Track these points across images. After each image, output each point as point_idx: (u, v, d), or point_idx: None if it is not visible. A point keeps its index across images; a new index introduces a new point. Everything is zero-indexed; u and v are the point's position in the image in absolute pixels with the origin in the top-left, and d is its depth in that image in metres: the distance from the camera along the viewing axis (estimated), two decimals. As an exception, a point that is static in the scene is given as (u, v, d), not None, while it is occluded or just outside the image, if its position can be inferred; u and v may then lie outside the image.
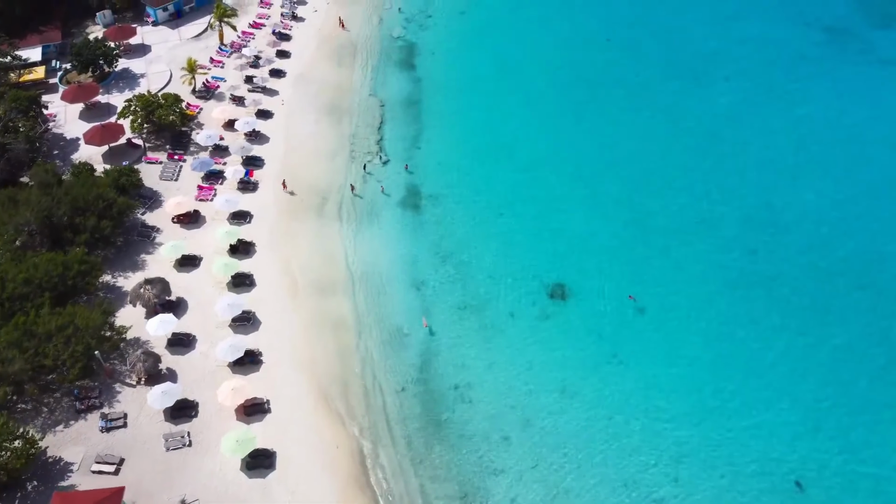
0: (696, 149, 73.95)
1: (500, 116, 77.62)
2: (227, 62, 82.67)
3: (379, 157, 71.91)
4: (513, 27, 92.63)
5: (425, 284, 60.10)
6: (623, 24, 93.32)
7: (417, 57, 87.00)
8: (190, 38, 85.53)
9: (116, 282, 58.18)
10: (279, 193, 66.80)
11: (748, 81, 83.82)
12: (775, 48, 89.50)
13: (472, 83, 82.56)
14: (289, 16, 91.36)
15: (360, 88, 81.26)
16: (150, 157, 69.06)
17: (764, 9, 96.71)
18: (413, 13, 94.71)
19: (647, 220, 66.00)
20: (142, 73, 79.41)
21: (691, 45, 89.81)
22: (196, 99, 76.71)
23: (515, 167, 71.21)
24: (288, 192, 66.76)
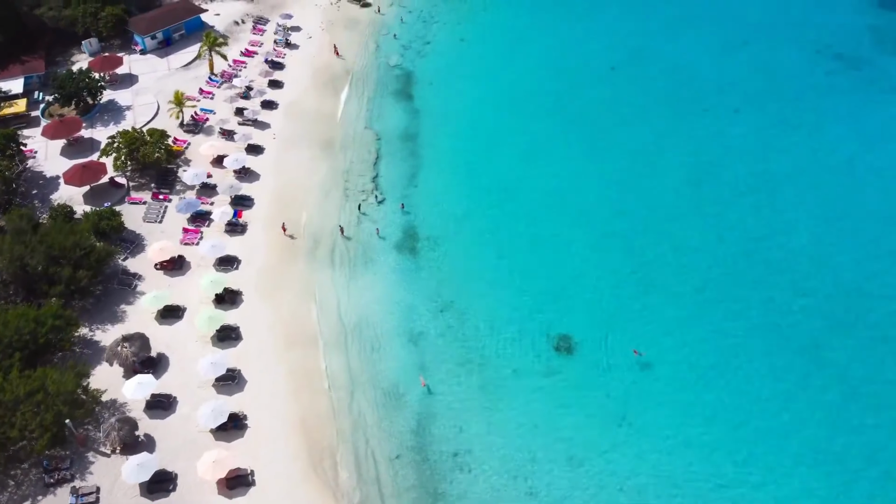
0: (706, 186, 70.68)
1: (501, 152, 74.40)
2: (218, 93, 79.49)
3: (374, 196, 68.58)
4: (514, 55, 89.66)
5: (423, 337, 56.59)
6: (628, 51, 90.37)
7: (415, 87, 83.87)
8: (179, 68, 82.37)
9: (94, 335, 54.66)
10: (269, 236, 63.43)
11: (759, 113, 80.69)
12: (786, 77, 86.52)
13: (471, 116, 79.37)
14: (282, 43, 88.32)
15: (354, 121, 78.06)
16: (133, 197, 65.69)
17: (773, 36, 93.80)
18: (410, 40, 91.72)
19: (655, 264, 62.56)
20: (128, 106, 76.18)
21: (699, 75, 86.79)
22: (184, 133, 73.48)
23: (516, 207, 67.87)
24: (288, 235, 63.38)
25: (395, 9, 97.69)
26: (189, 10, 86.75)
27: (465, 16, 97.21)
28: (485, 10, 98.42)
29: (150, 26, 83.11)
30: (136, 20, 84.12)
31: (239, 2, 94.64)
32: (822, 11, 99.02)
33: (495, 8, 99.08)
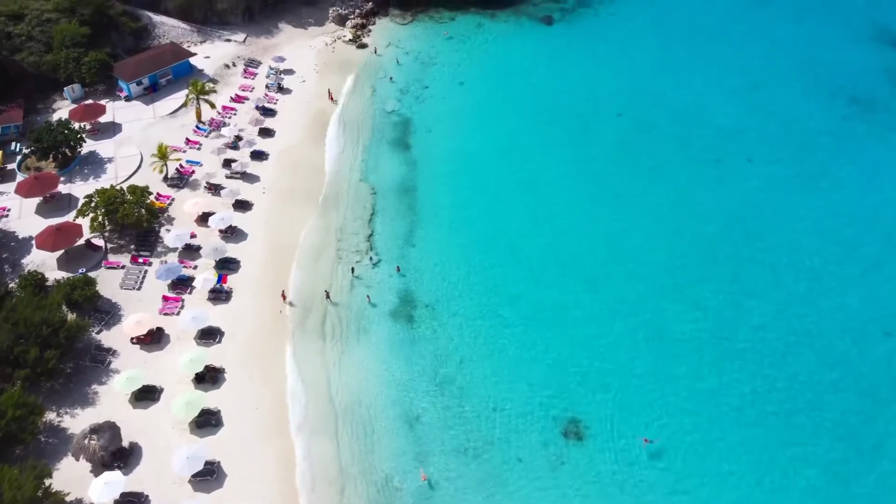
0: (720, 243, 66.56)
1: (503, 207, 70.33)
2: (205, 142, 75.60)
3: (369, 258, 64.37)
4: (515, 99, 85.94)
5: (420, 420, 52.07)
6: (634, 96, 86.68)
7: (413, 135, 80.00)
8: (165, 115, 78.56)
9: (62, 421, 50.19)
10: (256, 304, 59.10)
11: (773, 162, 76.90)
12: (800, 123, 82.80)
13: (472, 166, 75.40)
14: (274, 87, 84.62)
15: (349, 173, 74.06)
16: (110, 261, 61.47)
17: (784, 79, 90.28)
18: (408, 83, 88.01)
19: (667, 335, 58.28)
20: (109, 158, 72.22)
21: (709, 121, 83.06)
22: (168, 187, 69.51)
23: (520, 270, 63.62)
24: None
25: (392, 50, 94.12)
26: (177, 53, 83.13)
27: (465, 57, 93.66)
28: (485, 52, 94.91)
29: (136, 72, 79.40)
30: (121, 65, 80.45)
31: (230, 43, 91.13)
32: (834, 52, 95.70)
33: (495, 49, 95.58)
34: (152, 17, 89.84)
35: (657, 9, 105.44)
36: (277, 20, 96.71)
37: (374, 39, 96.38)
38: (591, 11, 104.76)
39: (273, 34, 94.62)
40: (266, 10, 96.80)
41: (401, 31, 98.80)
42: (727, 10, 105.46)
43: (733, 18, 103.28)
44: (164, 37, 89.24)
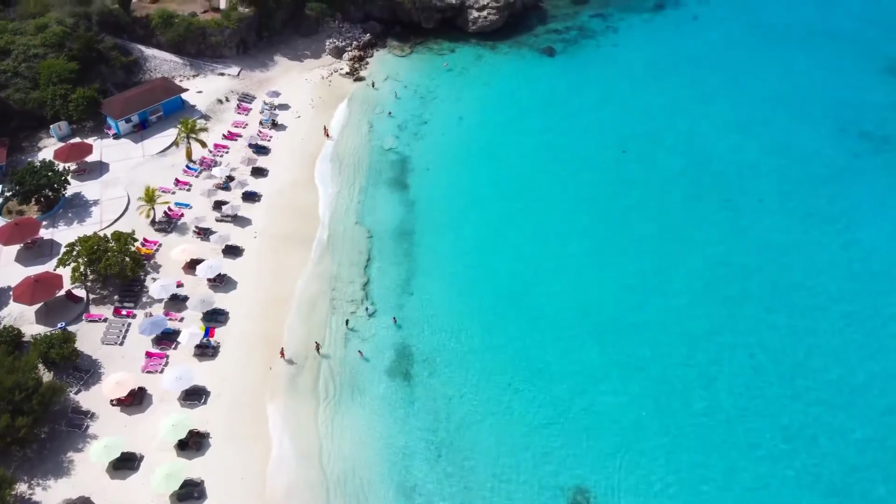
0: (734, 292, 63.52)
1: (505, 252, 67.42)
2: (195, 183, 72.84)
3: (364, 308, 61.33)
4: (517, 134, 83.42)
5: (417, 492, 48.73)
6: (640, 132, 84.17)
7: (411, 174, 77.29)
8: (155, 154, 75.87)
9: (33, 494, 46.87)
10: (244, 360, 55.95)
11: (785, 202, 74.12)
12: (810, 160, 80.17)
13: (472, 208, 72.63)
14: (268, 123, 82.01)
15: (345, 215, 71.18)
16: (92, 313, 58.35)
17: (792, 113, 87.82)
18: (406, 119, 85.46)
19: (682, 396, 55.09)
20: (95, 200, 69.40)
21: (717, 157, 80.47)
22: (155, 232, 66.64)
23: (524, 322, 60.58)
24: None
25: (390, 83, 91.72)
26: (168, 89, 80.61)
27: (464, 90, 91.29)
28: (485, 85, 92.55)
29: (125, 109, 76.80)
30: (110, 102, 77.87)
31: (224, 77, 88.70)
32: (843, 84, 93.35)
33: (496, 82, 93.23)
34: (144, 51, 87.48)
35: (660, 39, 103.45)
36: (273, 53, 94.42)
37: (372, 72, 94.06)
38: (593, 43, 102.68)
39: (268, 67, 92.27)
40: (261, 42, 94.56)
41: (399, 64, 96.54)
42: (732, 40, 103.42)
43: (738, 49, 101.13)
44: (155, 70, 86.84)
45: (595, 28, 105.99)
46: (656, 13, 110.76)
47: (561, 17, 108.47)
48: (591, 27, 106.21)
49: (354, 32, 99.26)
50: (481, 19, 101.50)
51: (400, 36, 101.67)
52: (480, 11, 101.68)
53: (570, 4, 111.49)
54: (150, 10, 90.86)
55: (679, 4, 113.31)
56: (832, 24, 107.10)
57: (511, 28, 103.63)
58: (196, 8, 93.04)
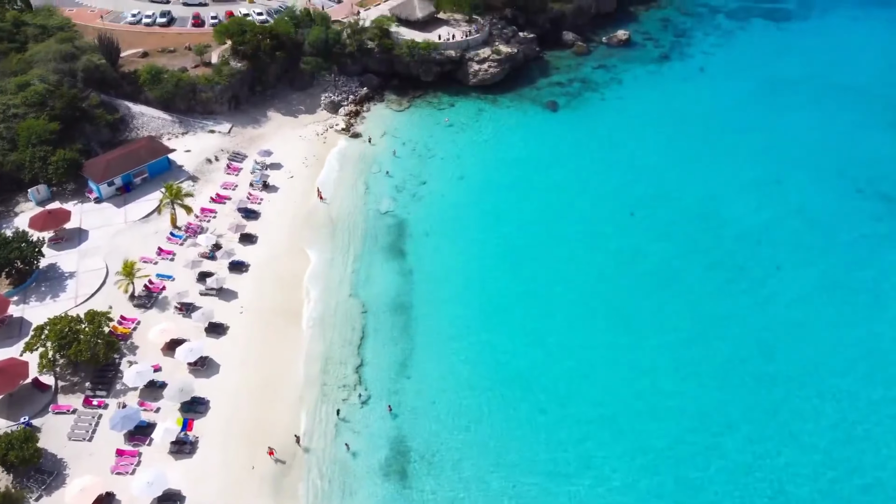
0: (753, 375, 58.91)
1: (510, 327, 62.96)
2: (179, 251, 68.57)
3: (357, 394, 56.53)
4: (520, 196, 79.46)
5: None
6: (648, 192, 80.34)
7: (409, 240, 73.06)
8: (138, 220, 71.77)
9: None
10: (225, 458, 50.95)
11: (805, 271, 69.92)
12: (829, 224, 76.28)
13: (475, 279, 68.23)
14: (259, 185, 78.08)
15: (338, 287, 66.74)
16: (60, 404, 53.55)
17: (806, 171, 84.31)
18: (404, 178, 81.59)
19: (701, 494, 50.15)
20: (71, 272, 65.03)
21: (731, 220, 76.59)
22: (133, 307, 62.17)
23: (532, 412, 55.74)
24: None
25: (388, 140, 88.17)
26: (154, 150, 76.86)
27: (465, 147, 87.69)
28: (486, 142, 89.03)
29: (107, 171, 72.92)
30: (92, 164, 74.02)
31: (214, 134, 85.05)
32: (856, 142, 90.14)
33: (497, 138, 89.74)
34: (131, 108, 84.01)
35: (666, 93, 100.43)
36: (266, 108, 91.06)
37: (369, 127, 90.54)
38: (598, 96, 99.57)
39: (261, 123, 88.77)
40: (254, 97, 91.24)
41: (397, 119, 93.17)
42: (740, 93, 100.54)
43: (747, 103, 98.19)
44: (143, 128, 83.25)
45: (599, 80, 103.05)
46: (661, 64, 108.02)
47: (563, 68, 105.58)
48: (595, 79, 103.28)
49: (351, 86, 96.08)
50: (482, 72, 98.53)
51: (398, 89, 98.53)
52: (481, 64, 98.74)
53: (573, 55, 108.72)
54: (140, 65, 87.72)
55: (684, 56, 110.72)
56: (843, 77, 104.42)
57: (512, 80, 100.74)
58: (187, 62, 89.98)
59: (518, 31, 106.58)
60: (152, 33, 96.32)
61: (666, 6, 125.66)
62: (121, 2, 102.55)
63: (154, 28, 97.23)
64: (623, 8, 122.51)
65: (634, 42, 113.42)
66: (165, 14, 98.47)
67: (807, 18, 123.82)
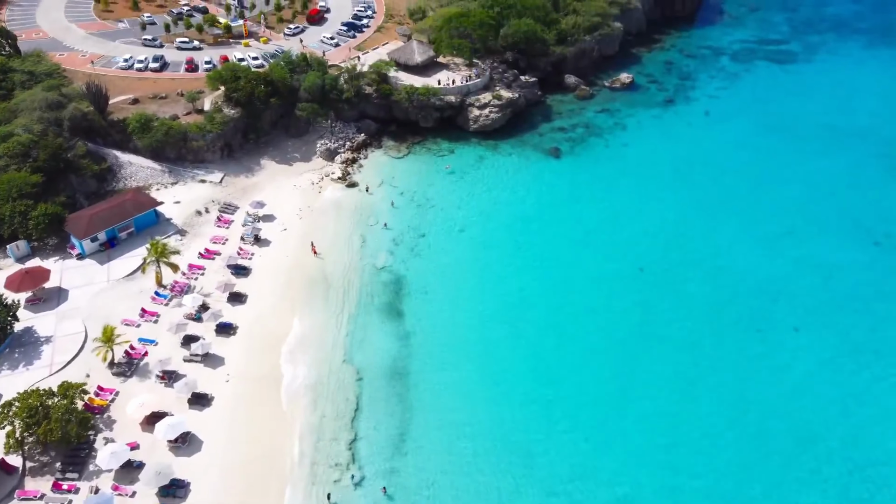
0: (775, 452, 54.90)
1: (513, 399, 58.99)
2: (164, 313, 64.87)
3: (350, 475, 52.34)
4: (523, 251, 76.13)
5: None
6: (657, 245, 77.13)
7: (407, 298, 69.42)
8: (122, 278, 68.18)
9: None
10: (204, 550, 46.73)
11: (825, 333, 66.40)
12: (847, 280, 72.88)
13: (475, 341, 64.51)
14: (250, 238, 74.65)
15: (331, 351, 62.89)
16: (27, 489, 49.36)
17: (820, 223, 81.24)
18: (402, 231, 78.20)
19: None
20: (47, 337, 61.22)
21: (743, 276, 73.19)
22: (112, 376, 58.30)
23: (538, 492, 51.52)
24: None
25: (386, 189, 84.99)
26: (140, 203, 73.60)
27: (466, 197, 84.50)
28: (488, 191, 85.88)
29: (91, 226, 69.60)
30: (75, 218, 70.65)
31: (205, 184, 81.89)
32: (869, 190, 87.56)
33: (499, 187, 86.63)
34: (119, 157, 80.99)
35: (672, 138, 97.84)
36: (260, 156, 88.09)
37: (366, 176, 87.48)
38: (602, 142, 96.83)
39: (254, 172, 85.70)
40: (247, 145, 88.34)
41: (395, 166, 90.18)
42: (747, 139, 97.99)
43: (755, 149, 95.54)
44: (131, 178, 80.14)
45: (602, 125, 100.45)
46: (666, 108, 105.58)
47: (566, 113, 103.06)
48: (598, 124, 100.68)
49: (347, 132, 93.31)
50: (482, 118, 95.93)
51: (396, 135, 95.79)
52: (482, 109, 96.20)
53: (575, 99, 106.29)
54: (130, 112, 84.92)
55: (689, 99, 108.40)
56: (852, 121, 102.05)
57: (514, 126, 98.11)
58: (178, 109, 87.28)
59: (519, 75, 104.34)
60: (144, 79, 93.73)
61: (669, 48, 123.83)
62: (113, 46, 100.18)
63: (146, 73, 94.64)
64: (625, 50, 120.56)
65: (638, 85, 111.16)
66: (158, 59, 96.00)
67: (812, 61, 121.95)
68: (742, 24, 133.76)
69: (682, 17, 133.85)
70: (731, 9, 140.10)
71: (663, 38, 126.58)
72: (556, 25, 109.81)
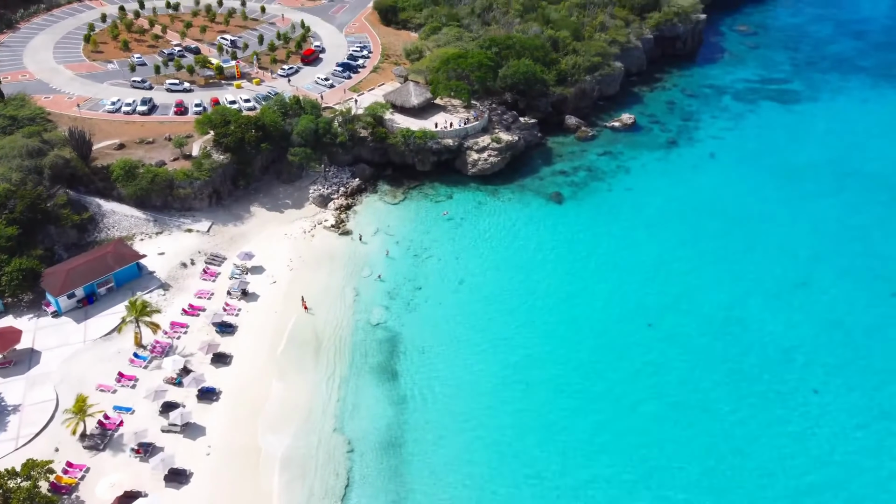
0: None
1: (519, 476, 54.64)
2: (142, 376, 60.77)
3: (339, 564, 47.96)
4: (524, 305, 72.30)
5: None
6: (666, 297, 73.56)
7: (402, 358, 65.38)
8: (99, 338, 64.15)
9: None
10: None
11: (846, 398, 62.58)
12: (867, 337, 69.31)
13: (477, 408, 60.33)
14: (237, 293, 70.75)
15: (321, 419, 58.70)
16: (-19, 586, 44.84)
17: (836, 273, 77.69)
18: (398, 283, 74.41)
19: None
20: (15, 406, 57.03)
21: (758, 332, 69.58)
22: (83, 449, 54.00)
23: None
24: None
25: (380, 238, 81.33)
26: (122, 257, 69.82)
27: (464, 245, 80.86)
28: (487, 239, 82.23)
29: (68, 282, 65.77)
30: (51, 273, 66.82)
31: (191, 234, 78.20)
32: (885, 237, 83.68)
33: (499, 235, 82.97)
34: (102, 206, 77.48)
35: (677, 182, 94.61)
36: (249, 203, 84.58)
37: (360, 223, 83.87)
38: (605, 186, 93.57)
39: (243, 220, 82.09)
40: (237, 191, 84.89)
41: (391, 213, 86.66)
42: (755, 182, 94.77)
43: (764, 193, 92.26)
44: (114, 228, 76.55)
45: (605, 168, 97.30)
46: (669, 150, 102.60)
47: (567, 155, 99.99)
48: (601, 167, 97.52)
49: (342, 177, 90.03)
50: (481, 161, 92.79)
51: (392, 179, 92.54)
52: (480, 153, 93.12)
53: (576, 141, 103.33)
54: (114, 158, 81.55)
55: (693, 140, 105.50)
56: (861, 163, 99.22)
57: (514, 170, 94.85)
58: (165, 155, 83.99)
59: (518, 117, 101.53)
60: (132, 122, 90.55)
61: (670, 88, 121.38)
62: (101, 88, 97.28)
63: (134, 116, 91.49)
64: (626, 90, 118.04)
65: (640, 126, 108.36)
66: (147, 101, 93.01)
67: (816, 100, 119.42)
68: (743, 62, 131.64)
69: (682, 56, 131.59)
70: (731, 47, 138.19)
71: (664, 77, 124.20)
72: (556, 65, 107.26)
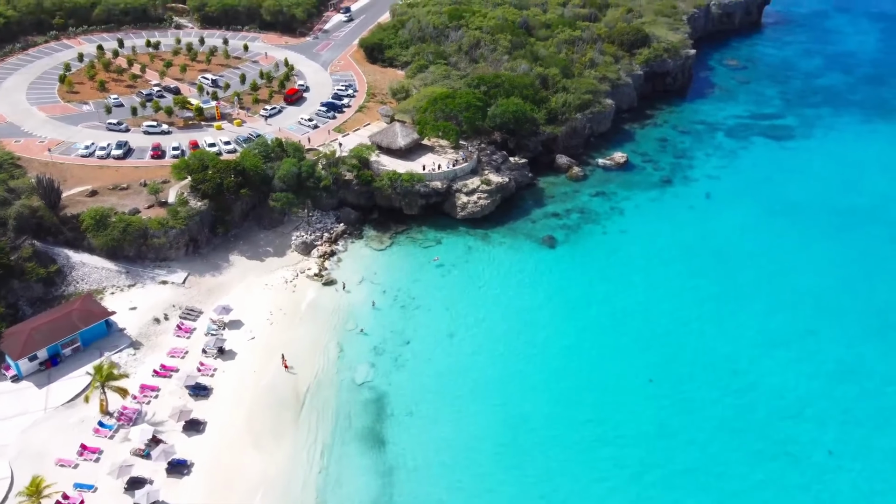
0: None
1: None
2: (107, 448, 56.14)
3: None
4: (519, 361, 68.53)
5: None
6: (667, 351, 70.00)
7: (389, 421, 61.15)
8: (61, 405, 59.50)
9: None
10: None
11: (864, 459, 58.96)
12: (882, 391, 65.62)
13: (470, 476, 56.10)
14: (213, 351, 66.41)
15: (300, 493, 54.17)
16: None
17: (842, 320, 74.98)
18: (384, 337, 70.39)
19: None
20: (-36, 486, 52.14)
21: (765, 387, 66.38)
22: (39, 534, 49.02)
23: None
24: None
25: (366, 287, 77.43)
26: (89, 314, 65.45)
27: (454, 294, 77.08)
28: (478, 288, 78.55)
29: (29, 343, 61.33)
30: (12, 334, 62.36)
31: (166, 286, 73.93)
32: (890, 280, 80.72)
33: (491, 283, 79.35)
34: (71, 257, 73.30)
35: (673, 223, 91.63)
36: (228, 251, 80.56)
37: (345, 272, 79.89)
38: (599, 229, 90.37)
39: (221, 270, 77.97)
40: (215, 239, 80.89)
41: (377, 259, 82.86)
42: (752, 223, 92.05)
43: (763, 235, 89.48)
44: (83, 280, 72.27)
45: (598, 210, 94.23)
46: (664, 190, 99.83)
47: (559, 196, 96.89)
48: (594, 208, 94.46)
49: (326, 222, 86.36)
50: (471, 204, 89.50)
51: (378, 224, 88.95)
52: (470, 196, 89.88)
53: (568, 181, 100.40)
54: (85, 206, 77.42)
55: (687, 179, 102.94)
56: (856, 200, 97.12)
57: (504, 212, 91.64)
58: (140, 202, 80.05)
59: (508, 157, 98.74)
60: (105, 167, 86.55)
61: (662, 124, 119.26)
62: (75, 131, 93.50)
63: (108, 161, 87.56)
64: (618, 127, 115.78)
65: (633, 164, 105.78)
66: (122, 145, 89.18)
67: (809, 136, 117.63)
68: (734, 97, 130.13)
69: (673, 92, 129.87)
70: (721, 82, 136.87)
71: (656, 114, 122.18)
72: (546, 104, 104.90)
